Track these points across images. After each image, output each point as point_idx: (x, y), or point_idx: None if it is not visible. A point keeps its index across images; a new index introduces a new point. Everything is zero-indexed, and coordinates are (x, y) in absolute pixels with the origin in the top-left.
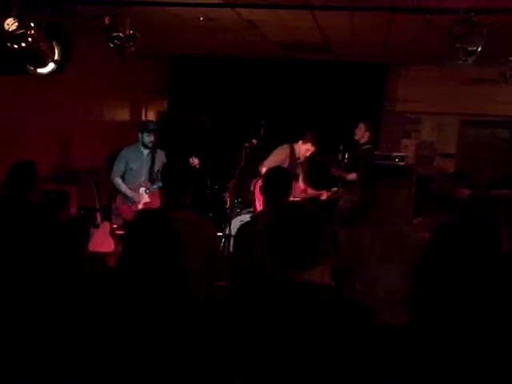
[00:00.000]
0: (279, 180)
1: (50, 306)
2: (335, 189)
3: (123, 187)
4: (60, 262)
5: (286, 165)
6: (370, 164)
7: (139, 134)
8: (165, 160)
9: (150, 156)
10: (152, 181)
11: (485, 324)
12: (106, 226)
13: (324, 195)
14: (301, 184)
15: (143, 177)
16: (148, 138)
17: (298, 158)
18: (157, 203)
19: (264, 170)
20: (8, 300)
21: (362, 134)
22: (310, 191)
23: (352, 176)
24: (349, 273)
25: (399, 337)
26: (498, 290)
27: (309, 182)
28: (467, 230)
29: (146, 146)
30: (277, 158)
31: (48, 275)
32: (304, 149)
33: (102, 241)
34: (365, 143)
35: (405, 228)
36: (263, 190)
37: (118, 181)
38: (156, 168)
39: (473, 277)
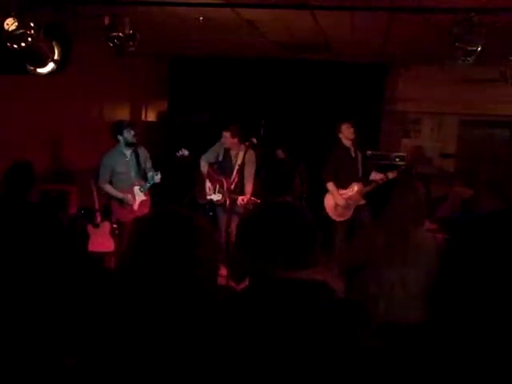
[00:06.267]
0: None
1: (50, 306)
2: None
3: (114, 192)
4: (60, 262)
5: (220, 158)
6: None
7: (118, 137)
8: (148, 156)
9: (133, 155)
10: (143, 178)
11: (501, 322)
12: (106, 226)
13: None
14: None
15: (133, 178)
16: (129, 134)
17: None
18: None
19: (202, 163)
20: (8, 301)
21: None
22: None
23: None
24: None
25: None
26: None
27: None
28: (488, 231)
29: (130, 144)
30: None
31: (48, 275)
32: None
33: (102, 241)
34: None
35: (410, 228)
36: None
37: (107, 187)
38: (142, 165)
39: (494, 276)
